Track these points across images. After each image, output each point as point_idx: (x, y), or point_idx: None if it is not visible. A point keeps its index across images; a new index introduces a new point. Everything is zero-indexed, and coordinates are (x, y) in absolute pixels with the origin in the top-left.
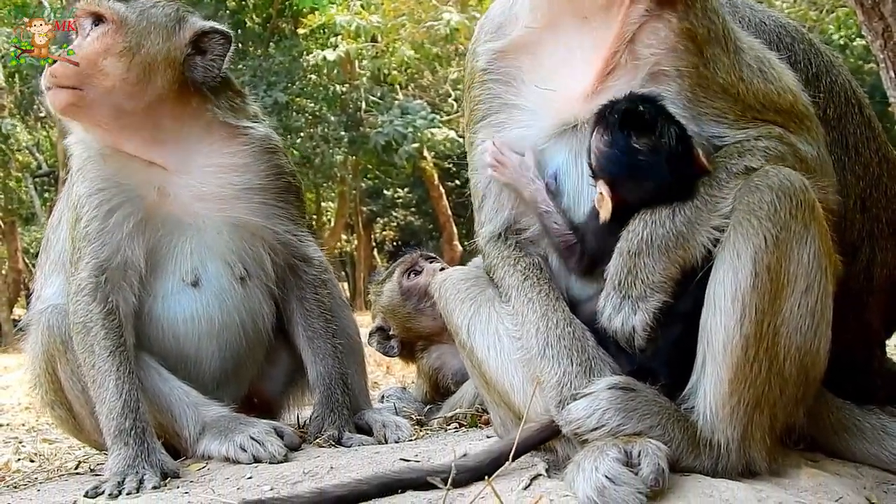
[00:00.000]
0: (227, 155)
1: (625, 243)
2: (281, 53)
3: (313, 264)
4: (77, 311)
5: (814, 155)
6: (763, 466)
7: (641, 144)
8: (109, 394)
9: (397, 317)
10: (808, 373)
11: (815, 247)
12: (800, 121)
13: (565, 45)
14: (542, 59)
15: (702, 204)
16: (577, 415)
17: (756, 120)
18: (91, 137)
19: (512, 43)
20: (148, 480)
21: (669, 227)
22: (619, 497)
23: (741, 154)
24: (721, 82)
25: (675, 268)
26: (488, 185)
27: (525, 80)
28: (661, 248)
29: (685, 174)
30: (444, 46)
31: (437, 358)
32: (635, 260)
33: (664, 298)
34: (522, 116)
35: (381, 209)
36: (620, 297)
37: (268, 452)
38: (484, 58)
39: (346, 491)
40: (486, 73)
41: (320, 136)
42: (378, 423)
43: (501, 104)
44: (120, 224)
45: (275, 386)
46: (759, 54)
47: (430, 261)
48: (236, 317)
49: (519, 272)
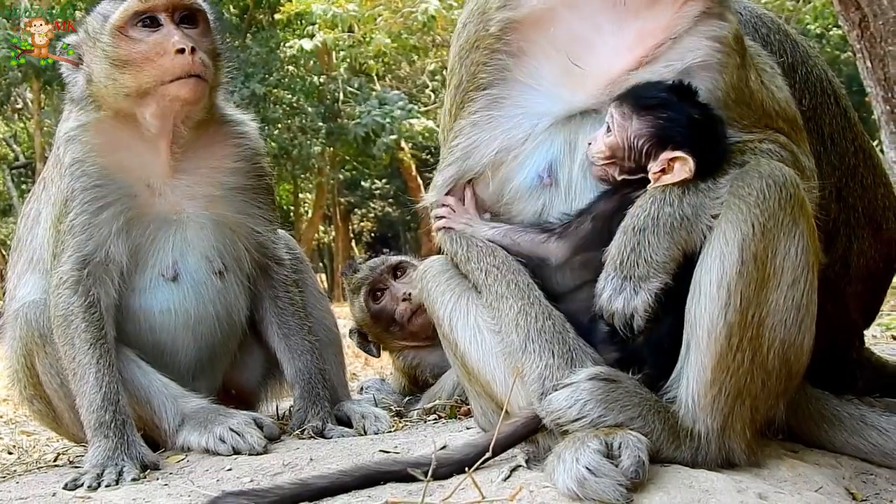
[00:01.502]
0: (224, 158)
1: (631, 220)
2: (258, 45)
3: (284, 265)
4: (58, 303)
5: (811, 167)
6: (742, 458)
7: (699, 114)
8: (89, 386)
9: (370, 331)
10: (791, 367)
11: (804, 242)
12: (799, 132)
13: (592, 25)
14: (562, 35)
15: (706, 190)
16: (558, 406)
17: (766, 128)
18: (94, 132)
19: (528, 15)
20: (127, 472)
21: (677, 206)
22: (599, 489)
23: (743, 152)
24: (752, 86)
25: (678, 249)
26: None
27: (539, 57)
28: (667, 227)
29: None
30: (421, 37)
31: (414, 357)
32: (639, 237)
33: (667, 279)
34: (528, 96)
35: (359, 200)
36: (622, 278)
37: (247, 444)
38: (497, 25)
39: (329, 482)
40: (496, 41)
41: (298, 127)
42: (357, 414)
43: (508, 78)
44: (109, 221)
45: (252, 377)
46: (770, 65)
47: (400, 274)
48: (212, 309)
49: (478, 266)
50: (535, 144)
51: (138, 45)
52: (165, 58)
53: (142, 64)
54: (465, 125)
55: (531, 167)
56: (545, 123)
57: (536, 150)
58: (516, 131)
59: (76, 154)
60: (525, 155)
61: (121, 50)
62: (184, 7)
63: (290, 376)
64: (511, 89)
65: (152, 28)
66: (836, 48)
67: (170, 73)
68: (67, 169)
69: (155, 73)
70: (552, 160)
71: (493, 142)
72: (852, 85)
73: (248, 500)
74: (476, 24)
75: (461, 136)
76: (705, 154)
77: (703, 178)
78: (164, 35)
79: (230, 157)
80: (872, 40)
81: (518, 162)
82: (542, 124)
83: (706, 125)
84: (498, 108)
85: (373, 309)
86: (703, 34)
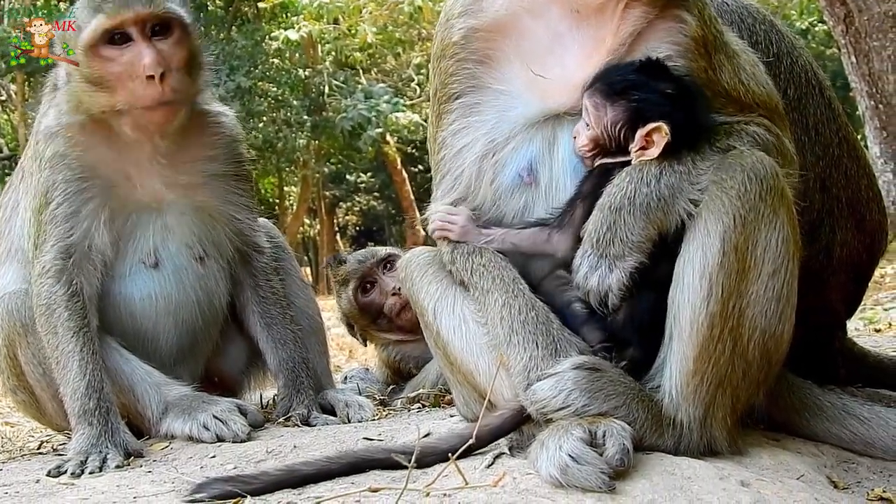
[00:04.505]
0: (204, 146)
1: (607, 198)
2: (243, 37)
3: (265, 253)
4: (41, 292)
5: (793, 151)
6: (724, 445)
7: (671, 87)
8: (73, 374)
9: (357, 323)
10: (771, 356)
11: (784, 233)
12: (781, 120)
13: (553, 33)
14: (526, 44)
15: (685, 173)
16: (543, 395)
17: (748, 115)
18: (75, 130)
19: (492, 22)
20: (111, 459)
21: (654, 186)
22: (581, 476)
23: (728, 134)
24: (725, 86)
25: (654, 229)
26: (449, 166)
27: (506, 64)
28: (643, 207)
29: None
30: (406, 30)
31: (399, 350)
32: (615, 216)
33: (641, 259)
34: (501, 100)
35: (344, 194)
36: (598, 256)
37: (231, 431)
38: (459, 32)
39: (314, 469)
40: (462, 50)
41: (283, 120)
42: (341, 402)
43: (478, 85)
44: (92, 212)
45: (235, 366)
46: (750, 57)
47: (389, 267)
48: (193, 295)
49: (469, 262)
50: (513, 146)
51: (110, 65)
52: (136, 83)
53: (115, 84)
54: (446, 136)
55: (511, 167)
56: (522, 125)
57: (516, 150)
58: (494, 134)
59: (57, 149)
60: (505, 156)
61: (93, 70)
62: (155, 18)
63: (273, 366)
64: (483, 95)
65: (123, 45)
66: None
67: (140, 101)
68: (47, 162)
69: (127, 98)
70: (531, 159)
71: (474, 146)
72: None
73: (234, 486)
74: (442, 33)
75: (444, 147)
76: (681, 122)
77: (685, 148)
78: (136, 55)
79: (209, 146)
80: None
81: (500, 164)
82: (518, 126)
83: (680, 96)
84: (474, 115)
85: (361, 301)
86: (660, 39)
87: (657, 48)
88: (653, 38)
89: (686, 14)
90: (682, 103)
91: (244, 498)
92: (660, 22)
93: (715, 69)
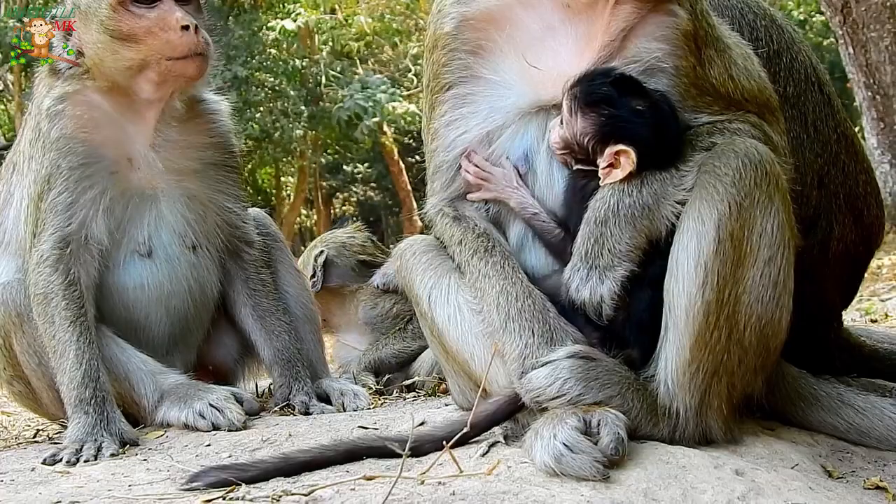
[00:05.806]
0: (200, 133)
1: (592, 212)
2: (240, 27)
3: (254, 246)
4: (38, 281)
5: (783, 144)
6: (719, 435)
7: (643, 105)
8: (70, 364)
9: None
10: (769, 343)
11: (780, 219)
12: (772, 113)
13: (546, 25)
14: (518, 34)
15: (668, 177)
16: (538, 384)
17: (737, 112)
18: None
19: (484, 12)
20: (106, 448)
21: (636, 196)
22: (576, 465)
23: (710, 133)
24: (713, 82)
25: (642, 237)
26: (443, 157)
27: (498, 54)
28: (628, 218)
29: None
30: (403, 20)
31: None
32: (602, 229)
33: (631, 267)
34: (494, 91)
35: (341, 184)
36: (587, 268)
37: (226, 419)
38: (451, 22)
39: (311, 457)
40: (454, 40)
41: (280, 110)
42: (336, 391)
43: (471, 76)
44: (93, 200)
45: (229, 355)
46: (743, 51)
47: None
48: (185, 283)
49: (467, 247)
50: (508, 135)
51: (140, 20)
52: (171, 34)
53: (145, 38)
54: (439, 127)
55: (507, 157)
56: (515, 115)
57: (511, 140)
58: (487, 124)
59: (65, 129)
60: (500, 146)
61: (122, 24)
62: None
63: (268, 358)
64: (476, 85)
65: (150, 4)
66: (818, 35)
67: (177, 50)
68: (54, 144)
69: (160, 48)
70: (527, 149)
71: (467, 137)
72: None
73: (230, 475)
74: (435, 23)
75: (437, 138)
76: (650, 145)
77: (651, 168)
78: (167, 11)
79: (203, 134)
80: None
81: (495, 154)
82: (511, 116)
83: (651, 116)
84: (467, 105)
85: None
86: (650, 35)
87: (647, 46)
88: (643, 34)
89: (678, 8)
90: (653, 124)
91: (240, 486)
92: (651, 16)
93: (704, 65)
